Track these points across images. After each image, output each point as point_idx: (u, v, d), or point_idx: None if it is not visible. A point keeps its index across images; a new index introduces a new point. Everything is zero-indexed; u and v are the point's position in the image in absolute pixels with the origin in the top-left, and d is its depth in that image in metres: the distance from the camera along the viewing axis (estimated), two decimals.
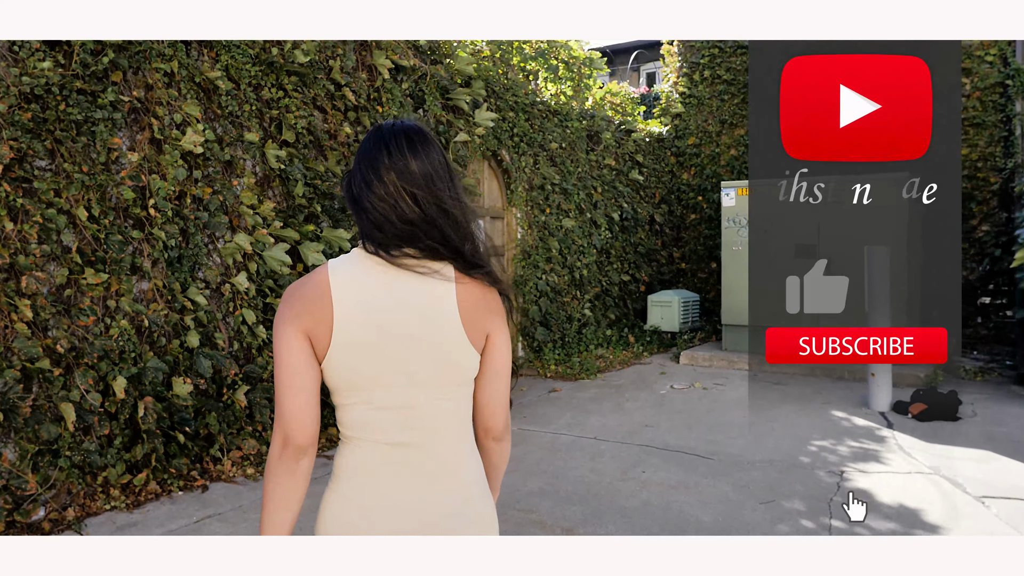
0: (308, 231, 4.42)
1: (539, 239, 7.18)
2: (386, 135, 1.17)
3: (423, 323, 1.13)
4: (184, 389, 3.64)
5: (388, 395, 1.13)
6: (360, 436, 1.16)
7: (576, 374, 6.83)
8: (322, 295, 1.11)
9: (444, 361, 1.15)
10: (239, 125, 4.14)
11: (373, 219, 1.13)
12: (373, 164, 1.15)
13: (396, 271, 1.13)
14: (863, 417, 5.32)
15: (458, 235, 1.16)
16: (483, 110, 5.87)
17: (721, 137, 9.73)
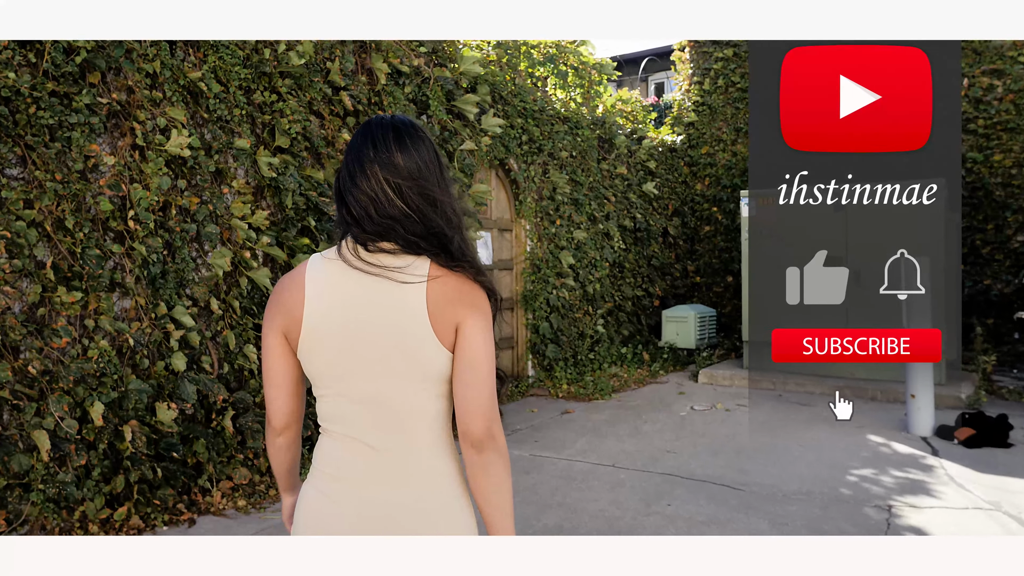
0: (302, 245, 4.12)
1: (549, 252, 6.88)
2: (374, 128, 1.18)
3: (390, 317, 1.13)
4: (168, 415, 3.33)
5: (358, 388, 1.14)
6: (332, 428, 1.18)
7: (590, 394, 6.48)
8: (297, 291, 1.15)
9: (410, 355, 1.13)
10: (229, 131, 3.87)
11: (355, 213, 1.14)
12: (358, 157, 1.15)
13: (370, 268, 1.12)
14: (904, 443, 4.95)
15: (447, 229, 1.16)
16: (490, 116, 5.59)
17: (736, 146, 9.43)
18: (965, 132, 8.05)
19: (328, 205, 4.26)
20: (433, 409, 1.16)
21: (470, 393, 1.13)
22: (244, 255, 3.81)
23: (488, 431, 1.13)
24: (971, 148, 8.02)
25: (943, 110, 4.81)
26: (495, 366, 1.16)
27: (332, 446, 1.18)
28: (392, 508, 1.15)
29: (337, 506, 1.16)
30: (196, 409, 3.67)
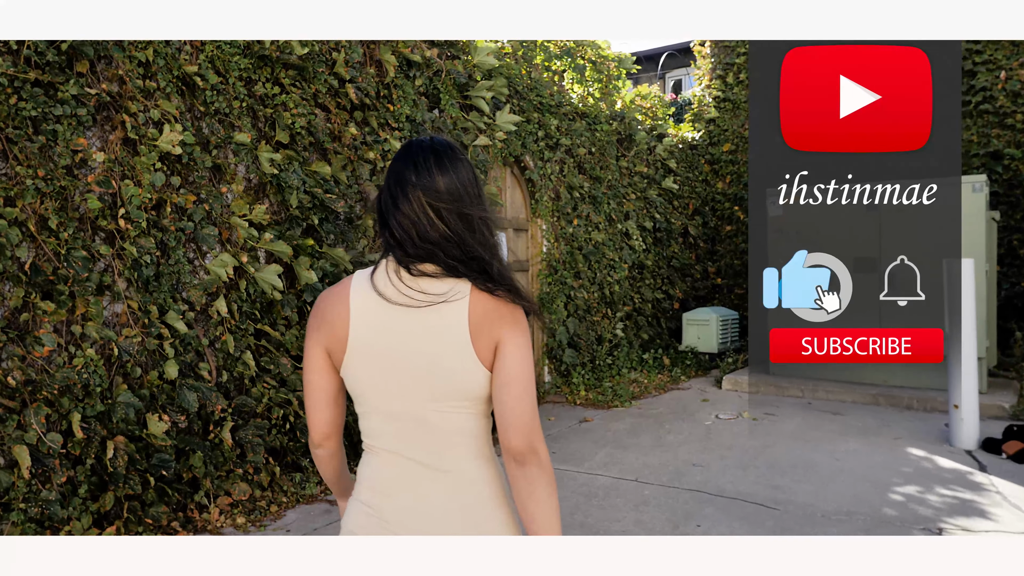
0: (307, 246, 3.89)
1: (566, 253, 6.61)
2: (414, 152, 1.19)
3: (432, 338, 1.15)
4: (159, 428, 3.11)
5: (399, 407, 1.16)
6: (375, 445, 1.20)
7: (608, 401, 6.21)
8: (341, 308, 1.17)
9: (451, 376, 1.15)
10: (229, 124, 3.65)
11: (397, 236, 1.16)
12: (400, 181, 1.17)
13: (413, 289, 1.15)
14: (948, 457, 4.61)
15: (485, 253, 1.17)
16: (505, 111, 5.34)
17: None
18: (1002, 127, 7.69)
19: (335, 202, 4.03)
20: (473, 427, 1.18)
21: (511, 410, 1.14)
22: (243, 258, 3.58)
23: (530, 446, 1.14)
24: (1008, 144, 7.64)
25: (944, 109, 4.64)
26: (534, 382, 1.17)
27: (375, 462, 1.21)
28: (434, 522, 1.17)
29: (380, 519, 1.19)
30: (193, 420, 3.45)
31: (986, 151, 7.70)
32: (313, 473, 3.95)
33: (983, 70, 7.67)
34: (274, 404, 3.78)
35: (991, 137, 7.68)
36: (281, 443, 3.82)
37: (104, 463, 3.02)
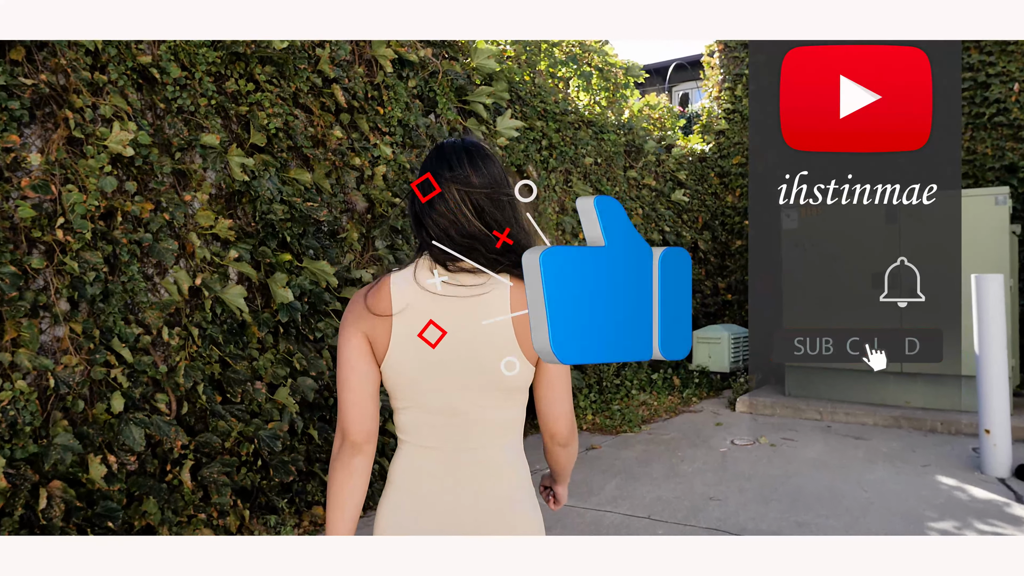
0: (284, 261, 3.49)
1: None
2: (447, 151, 1.21)
3: (476, 333, 1.16)
4: (98, 471, 2.69)
5: (439, 400, 1.17)
6: (411, 440, 1.21)
7: (617, 426, 5.77)
8: (384, 303, 1.17)
9: (495, 370, 1.17)
10: (195, 125, 3.27)
11: (434, 234, 1.16)
12: (437, 179, 1.17)
13: (453, 286, 1.16)
14: (980, 486, 4.20)
15: (524, 241, 1.18)
16: (506, 117, 4.97)
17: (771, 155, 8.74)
18: (1016, 140, 7.33)
19: (316, 211, 3.64)
20: (511, 418, 1.21)
21: (556, 403, 1.22)
22: (204, 275, 3.19)
23: (572, 432, 1.26)
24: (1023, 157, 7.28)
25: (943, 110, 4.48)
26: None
27: (412, 456, 1.21)
28: (473, 514, 1.19)
29: (418, 513, 1.19)
30: (147, 460, 3.03)
31: (1001, 164, 7.34)
32: (291, 515, 3.52)
33: (996, 82, 7.32)
34: (244, 439, 3.36)
35: (1005, 150, 7.32)
36: (252, 482, 3.40)
37: (37, 514, 2.60)
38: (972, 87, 7.33)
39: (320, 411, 3.76)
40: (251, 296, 3.56)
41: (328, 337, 3.73)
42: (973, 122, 7.34)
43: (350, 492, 1.18)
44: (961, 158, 7.42)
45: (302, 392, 3.57)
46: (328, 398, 3.82)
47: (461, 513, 1.18)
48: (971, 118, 7.35)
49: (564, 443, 1.25)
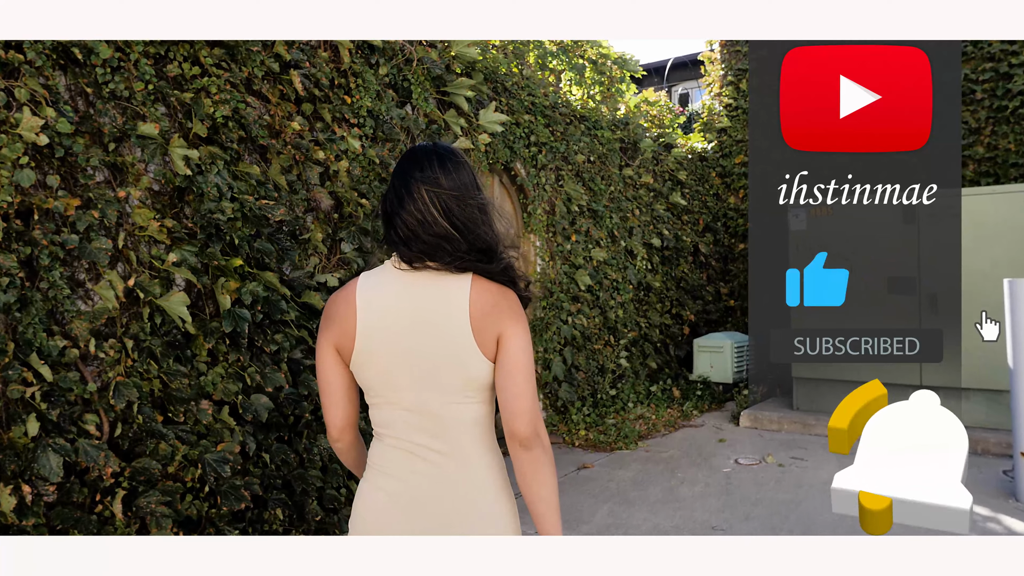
0: (234, 267, 3.14)
1: (563, 273, 5.85)
2: (419, 154, 1.28)
3: (436, 332, 1.21)
4: (8, 503, 2.34)
5: (407, 398, 1.23)
6: (385, 433, 1.27)
7: (612, 442, 5.40)
8: (348, 307, 1.24)
9: (455, 367, 1.21)
10: (132, 112, 2.92)
11: (402, 234, 1.23)
12: (405, 180, 1.24)
13: (417, 284, 1.22)
14: (1016, 515, 3.82)
15: (491, 243, 1.24)
16: (490, 110, 4.61)
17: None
18: None
19: (272, 210, 3.29)
20: (476, 415, 1.26)
21: (516, 398, 1.22)
22: (145, 278, 2.84)
23: (534, 431, 1.23)
24: None
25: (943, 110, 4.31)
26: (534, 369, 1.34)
27: (384, 448, 1.28)
28: (443, 506, 1.23)
29: (391, 501, 1.24)
30: (74, 489, 2.67)
31: None
32: None
33: (1020, 72, 6.94)
34: (189, 463, 3.00)
35: None
36: (199, 511, 3.03)
37: None
38: (993, 78, 6.96)
39: (278, 430, 3.39)
40: (200, 304, 3.21)
41: (286, 349, 3.37)
42: (995, 116, 6.96)
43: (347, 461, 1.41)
44: (982, 155, 7.05)
45: (255, 411, 3.20)
46: (288, 416, 3.46)
47: (434, 504, 1.22)
48: (992, 112, 6.98)
49: (526, 444, 1.22)
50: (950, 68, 6.91)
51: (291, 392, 3.44)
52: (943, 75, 6.33)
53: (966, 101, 6.98)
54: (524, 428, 1.20)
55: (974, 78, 7.00)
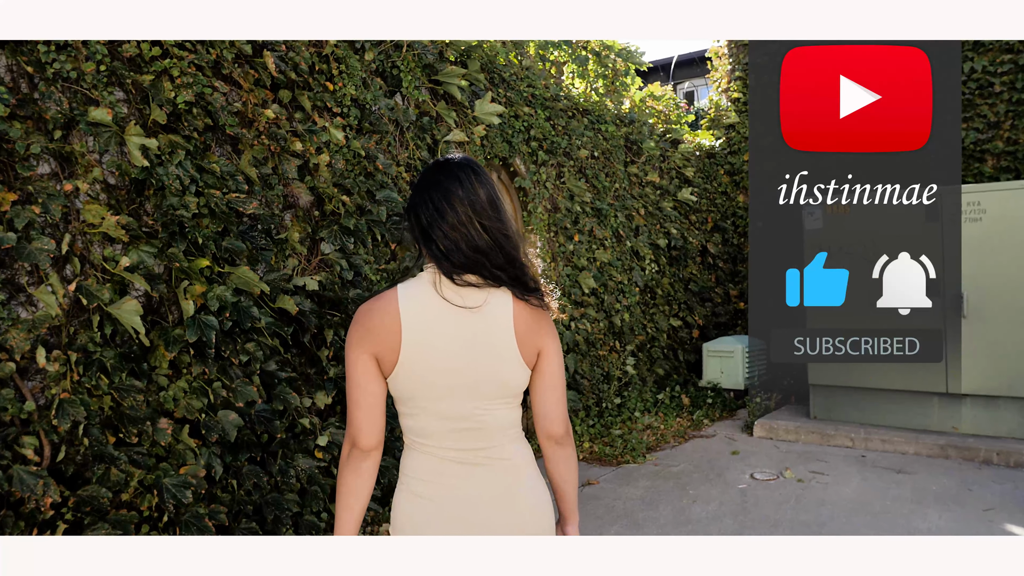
0: (199, 268, 2.82)
1: (565, 275, 5.52)
2: (454, 169, 1.30)
3: (482, 346, 1.25)
4: None
5: (447, 407, 1.26)
6: (422, 441, 1.29)
7: (618, 455, 5.06)
8: (391, 319, 1.24)
9: (499, 377, 1.27)
10: (81, 96, 2.61)
11: (443, 247, 1.25)
12: (446, 195, 1.26)
13: (460, 299, 1.25)
14: None
15: (519, 259, 1.30)
16: (486, 101, 4.29)
17: None
18: None
19: (245, 203, 2.97)
20: (513, 416, 1.33)
21: (555, 405, 1.35)
22: (92, 282, 2.52)
23: (567, 431, 1.37)
24: None
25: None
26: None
27: (423, 458, 1.29)
28: (492, 509, 1.28)
29: (440, 511, 1.27)
30: (7, 523, 2.35)
31: None
32: None
33: None
34: (145, 489, 2.68)
35: None
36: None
37: None
38: (1012, 70, 6.61)
39: (250, 450, 3.07)
40: (162, 310, 2.89)
41: (258, 360, 3.05)
42: (1014, 109, 6.62)
43: (357, 493, 1.27)
44: (1001, 149, 6.71)
45: (222, 429, 2.88)
46: (262, 434, 3.14)
47: (478, 507, 1.26)
48: (1012, 105, 6.64)
49: (560, 442, 1.35)
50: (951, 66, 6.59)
51: (264, 408, 3.12)
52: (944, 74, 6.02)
53: (984, 94, 6.64)
54: (560, 429, 1.35)
55: (992, 70, 6.67)
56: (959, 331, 4.96)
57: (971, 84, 6.65)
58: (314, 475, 3.28)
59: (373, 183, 3.62)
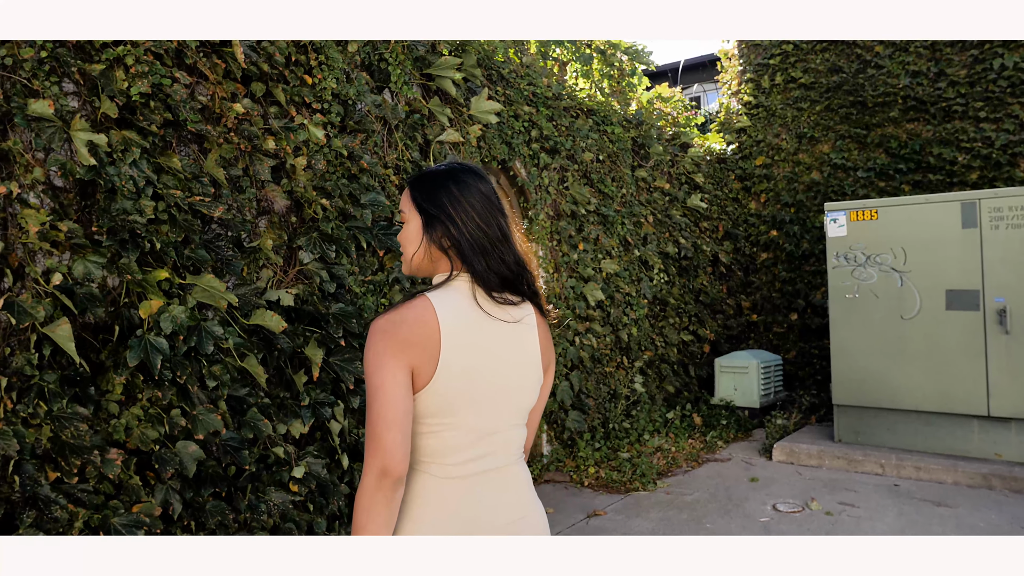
0: (156, 279, 2.49)
1: (569, 286, 5.18)
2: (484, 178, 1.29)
3: (517, 357, 1.25)
4: None
5: (477, 420, 1.21)
6: (434, 461, 1.20)
7: (627, 481, 4.70)
8: (430, 328, 1.17)
9: (524, 395, 1.27)
10: (20, 88, 2.30)
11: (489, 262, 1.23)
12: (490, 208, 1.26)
13: (497, 314, 1.24)
14: None
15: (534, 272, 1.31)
16: (482, 98, 3.98)
17: (799, 155, 7.70)
18: None
19: (210, 207, 2.65)
20: (524, 434, 1.31)
21: (537, 419, 1.42)
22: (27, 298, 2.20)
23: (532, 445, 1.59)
24: None
25: None
26: None
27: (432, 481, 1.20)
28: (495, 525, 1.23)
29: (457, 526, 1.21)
30: None
31: None
32: None
33: None
34: (91, 530, 2.35)
35: None
36: None
37: None
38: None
39: (214, 484, 2.73)
40: (121, 326, 2.57)
41: (226, 384, 2.72)
42: None
43: (392, 526, 1.16)
44: None
45: (179, 463, 2.55)
46: (228, 466, 2.80)
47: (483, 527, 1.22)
48: None
49: (527, 451, 1.37)
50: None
51: (232, 436, 2.78)
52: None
53: (1016, 92, 6.28)
54: (530, 442, 1.40)
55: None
56: (1002, 347, 4.59)
57: (1001, 82, 6.29)
58: (289, 511, 2.94)
59: (358, 186, 3.30)
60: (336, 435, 3.19)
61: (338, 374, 3.13)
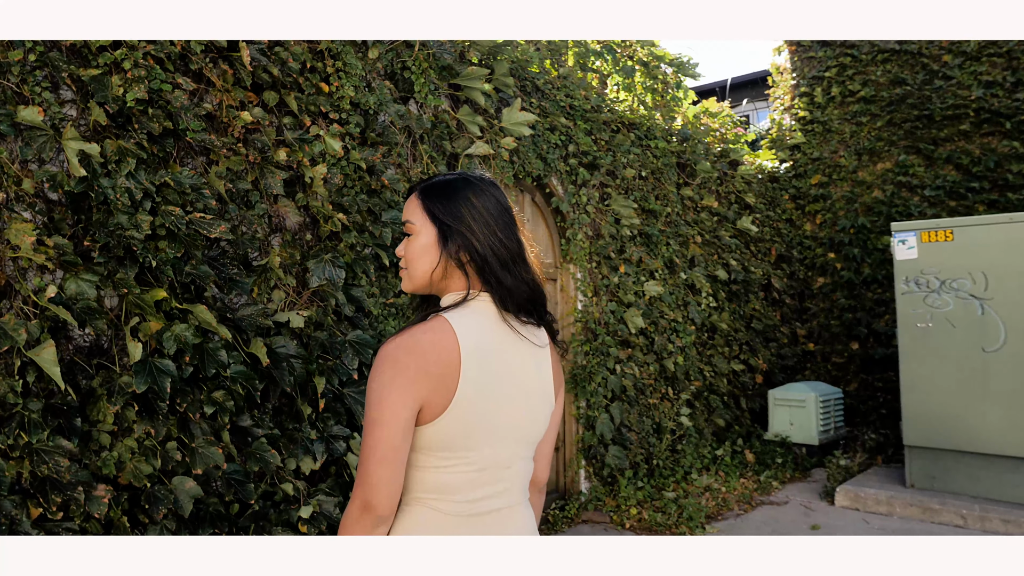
0: (152, 300, 2.30)
1: (610, 312, 4.85)
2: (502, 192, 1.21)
3: (535, 384, 1.17)
4: None
5: (491, 452, 1.13)
6: (447, 498, 1.11)
7: (672, 524, 4.29)
8: (450, 355, 1.07)
9: (536, 426, 1.18)
10: (10, 94, 2.15)
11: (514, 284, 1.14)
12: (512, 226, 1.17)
13: (517, 337, 1.15)
14: None
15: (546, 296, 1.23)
16: (515, 109, 3.73)
17: (859, 173, 7.23)
18: None
19: (210, 225, 2.45)
20: (531, 467, 1.22)
21: (549, 450, 1.30)
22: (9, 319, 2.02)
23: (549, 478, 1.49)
24: None
25: None
26: None
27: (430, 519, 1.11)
28: None
29: None
30: None
31: None
32: None
33: None
34: None
35: None
36: None
37: None
38: None
39: (214, 524, 2.49)
40: (113, 351, 2.38)
41: (228, 412, 2.50)
42: None
43: None
44: None
45: (175, 500, 2.32)
46: (231, 503, 2.57)
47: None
48: None
49: (543, 489, 1.32)
50: None
51: (236, 470, 2.55)
52: None
53: None
54: (546, 476, 1.31)
55: None
56: None
57: None
58: None
59: (378, 201, 3.08)
60: (354, 470, 2.94)
61: (351, 408, 2.88)
